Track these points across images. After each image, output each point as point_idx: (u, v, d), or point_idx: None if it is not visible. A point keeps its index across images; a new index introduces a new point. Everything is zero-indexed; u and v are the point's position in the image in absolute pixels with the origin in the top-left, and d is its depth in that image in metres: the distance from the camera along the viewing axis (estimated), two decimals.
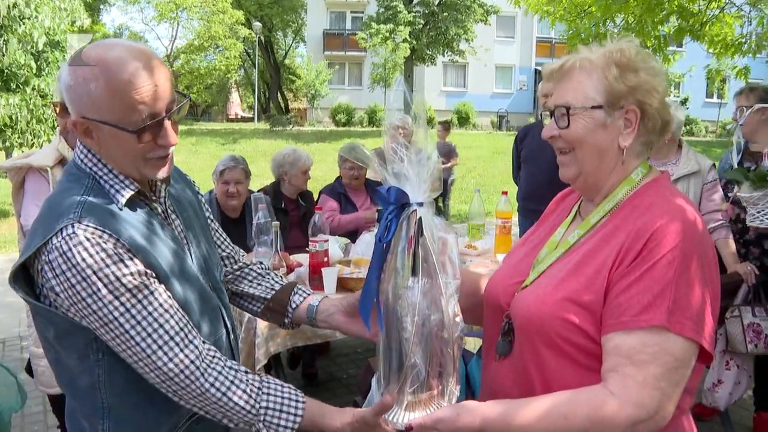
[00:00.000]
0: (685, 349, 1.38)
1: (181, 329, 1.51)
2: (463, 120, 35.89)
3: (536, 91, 36.51)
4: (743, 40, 7.14)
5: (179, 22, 43.51)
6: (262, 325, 3.29)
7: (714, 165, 4.03)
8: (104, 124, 1.49)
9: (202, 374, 1.51)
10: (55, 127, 12.39)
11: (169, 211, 1.71)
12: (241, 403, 1.54)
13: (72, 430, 1.69)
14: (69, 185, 1.57)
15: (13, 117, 12.90)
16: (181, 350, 1.50)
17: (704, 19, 7.07)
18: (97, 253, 1.44)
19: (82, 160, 1.60)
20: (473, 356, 2.41)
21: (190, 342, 1.52)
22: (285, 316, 1.94)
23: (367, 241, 4.14)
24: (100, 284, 1.44)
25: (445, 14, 30.04)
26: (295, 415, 1.58)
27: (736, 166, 3.46)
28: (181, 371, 1.49)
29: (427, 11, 30.46)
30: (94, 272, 1.44)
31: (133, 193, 1.58)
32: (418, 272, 1.49)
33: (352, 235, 4.92)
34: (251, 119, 36.14)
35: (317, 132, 29.48)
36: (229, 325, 1.80)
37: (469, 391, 2.53)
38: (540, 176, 4.82)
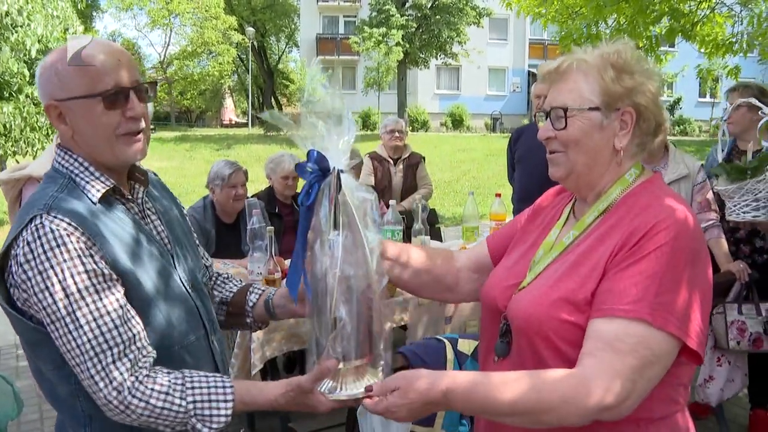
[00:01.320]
0: (665, 345, 1.38)
1: (123, 341, 1.49)
2: (457, 122, 35.93)
3: (530, 92, 36.37)
4: (734, 40, 7.17)
5: (172, 29, 43.51)
6: None
7: (702, 165, 4.05)
8: (73, 100, 1.54)
9: (126, 389, 1.48)
10: (50, 135, 12.35)
11: (147, 212, 1.72)
12: (167, 405, 1.50)
13: None
14: (45, 185, 1.60)
15: (7, 125, 12.85)
16: (113, 362, 1.47)
17: (695, 19, 7.10)
18: (58, 246, 1.45)
19: (59, 163, 1.63)
20: (468, 358, 2.42)
21: (125, 356, 1.49)
22: (246, 316, 1.95)
23: None
24: (54, 279, 1.45)
25: (437, 17, 30.07)
26: (226, 401, 1.55)
27: (720, 160, 3.43)
28: (110, 382, 1.47)
29: (419, 14, 30.49)
30: (52, 266, 1.45)
31: (108, 188, 1.60)
32: (339, 226, 1.55)
33: None
34: (245, 124, 36.12)
35: None
36: (207, 327, 1.78)
37: None
38: (534, 177, 4.79)
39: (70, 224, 1.48)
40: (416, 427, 2.44)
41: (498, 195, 4.54)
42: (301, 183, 5.27)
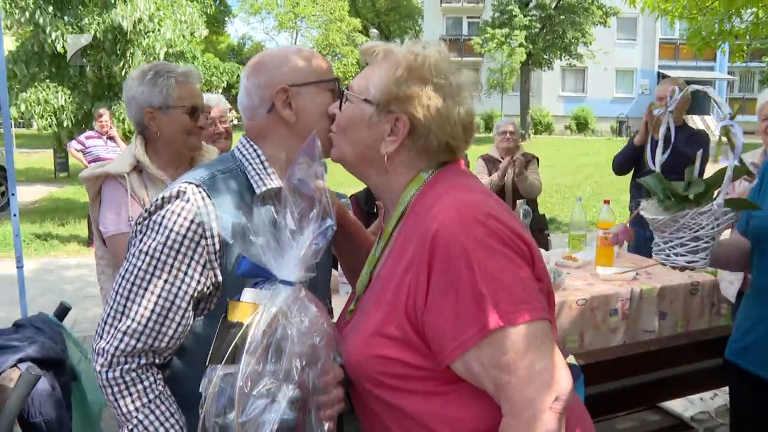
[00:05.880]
0: (534, 330, 1.28)
1: (146, 326, 1.45)
2: (582, 126, 34.90)
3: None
4: None
5: (298, 31, 44.86)
6: None
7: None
8: (307, 85, 1.61)
9: (107, 362, 1.45)
10: None
11: None
12: (121, 403, 1.45)
13: None
14: (213, 162, 1.65)
15: None
16: (124, 332, 1.45)
17: None
18: (182, 216, 1.46)
19: (239, 150, 1.64)
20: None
21: (138, 338, 1.45)
22: None
23: None
24: (154, 234, 1.47)
25: (562, 17, 29.29)
26: None
27: (657, 168, 2.17)
28: (110, 342, 1.45)
29: (543, 15, 29.81)
30: (163, 225, 1.46)
31: (272, 188, 1.57)
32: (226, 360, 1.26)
33: None
34: None
35: None
36: None
37: None
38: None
39: (211, 204, 1.49)
40: None
41: (606, 202, 4.26)
42: None
